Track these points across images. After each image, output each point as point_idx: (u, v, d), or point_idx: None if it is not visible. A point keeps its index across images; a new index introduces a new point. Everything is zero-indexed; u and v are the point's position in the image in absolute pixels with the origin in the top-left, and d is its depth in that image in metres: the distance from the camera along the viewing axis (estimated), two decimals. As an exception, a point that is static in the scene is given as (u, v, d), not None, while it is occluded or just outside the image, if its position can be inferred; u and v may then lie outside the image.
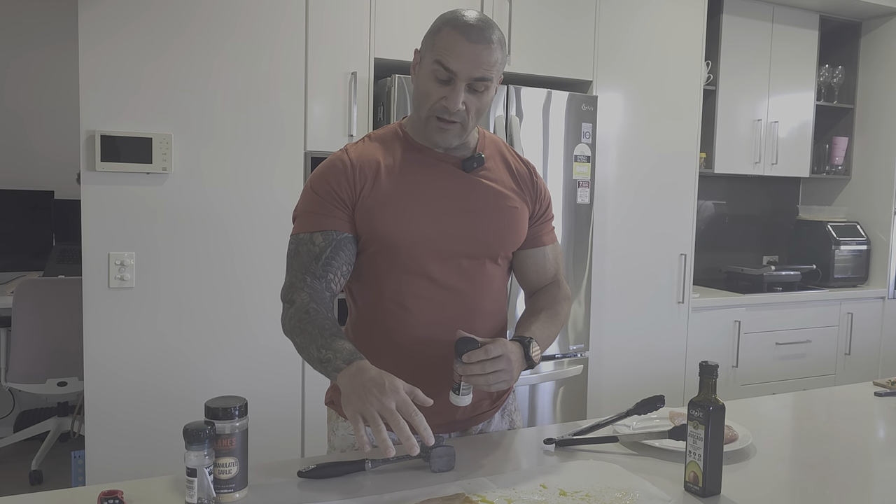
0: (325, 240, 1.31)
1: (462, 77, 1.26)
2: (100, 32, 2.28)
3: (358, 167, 1.33)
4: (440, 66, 1.26)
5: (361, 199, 1.32)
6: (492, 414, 1.48)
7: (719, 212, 4.13)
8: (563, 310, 1.47)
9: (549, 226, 1.50)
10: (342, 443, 1.42)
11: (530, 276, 1.50)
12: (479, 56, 1.25)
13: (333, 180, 1.33)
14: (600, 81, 3.09)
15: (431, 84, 1.28)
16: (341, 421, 1.43)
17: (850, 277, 3.96)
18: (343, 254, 1.32)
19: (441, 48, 1.26)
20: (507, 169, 1.44)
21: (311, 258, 1.31)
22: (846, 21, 4.03)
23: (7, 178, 3.67)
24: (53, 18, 3.70)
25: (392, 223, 1.31)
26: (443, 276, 1.35)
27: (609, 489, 1.17)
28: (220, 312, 2.49)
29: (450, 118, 1.29)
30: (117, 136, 2.29)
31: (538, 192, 1.47)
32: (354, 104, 2.61)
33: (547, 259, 1.49)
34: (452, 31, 1.26)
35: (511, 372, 1.24)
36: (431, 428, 1.37)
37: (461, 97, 1.27)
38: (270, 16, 2.49)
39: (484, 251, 1.37)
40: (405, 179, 1.34)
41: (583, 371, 3.02)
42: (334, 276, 1.32)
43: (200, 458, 1.05)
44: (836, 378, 3.87)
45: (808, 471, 1.30)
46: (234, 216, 2.49)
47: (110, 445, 2.37)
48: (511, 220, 1.40)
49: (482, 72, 1.26)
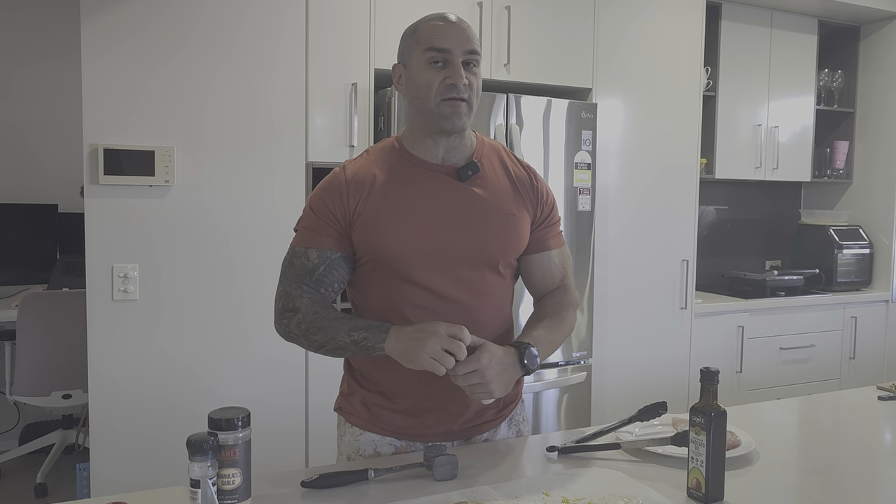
0: (318, 257, 1.35)
1: (457, 52, 1.31)
2: (102, 46, 2.30)
3: (353, 184, 1.36)
4: (433, 50, 1.31)
5: (357, 215, 1.35)
6: (497, 423, 1.48)
7: (721, 217, 4.13)
8: (569, 316, 1.46)
9: (555, 229, 1.49)
10: (348, 448, 1.44)
11: (536, 281, 1.49)
12: (465, 32, 1.32)
13: (329, 200, 1.36)
14: (600, 89, 3.10)
15: (429, 73, 1.32)
16: (348, 426, 1.45)
17: (854, 281, 3.95)
18: (335, 272, 1.37)
19: (427, 37, 1.32)
20: (507, 175, 1.43)
21: (304, 272, 1.36)
22: (844, 25, 4.04)
23: (11, 191, 3.69)
24: (56, 33, 3.73)
25: (387, 236, 1.33)
26: (441, 286, 1.35)
27: (612, 496, 1.18)
28: (223, 323, 2.50)
29: (458, 95, 1.31)
30: (120, 149, 2.31)
31: (539, 197, 1.46)
32: (355, 114, 2.63)
33: (553, 263, 1.48)
34: (431, 21, 1.33)
35: (486, 385, 1.24)
36: (435, 437, 1.42)
37: (462, 71, 1.31)
38: (271, 28, 2.51)
39: (481, 260, 1.37)
40: (400, 192, 1.35)
41: (586, 378, 3.02)
42: (326, 290, 1.37)
43: (204, 470, 1.05)
44: (840, 382, 3.86)
45: (811, 476, 1.30)
46: (236, 227, 2.50)
47: (115, 457, 2.38)
48: (508, 227, 1.39)
49: (472, 44, 1.32)
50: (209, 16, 2.42)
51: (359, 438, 1.43)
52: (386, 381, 1.40)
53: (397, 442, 1.43)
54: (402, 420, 1.41)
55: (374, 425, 1.42)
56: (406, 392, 1.39)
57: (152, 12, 2.35)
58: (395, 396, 1.40)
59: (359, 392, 1.44)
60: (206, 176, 2.45)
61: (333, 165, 2.61)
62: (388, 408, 1.41)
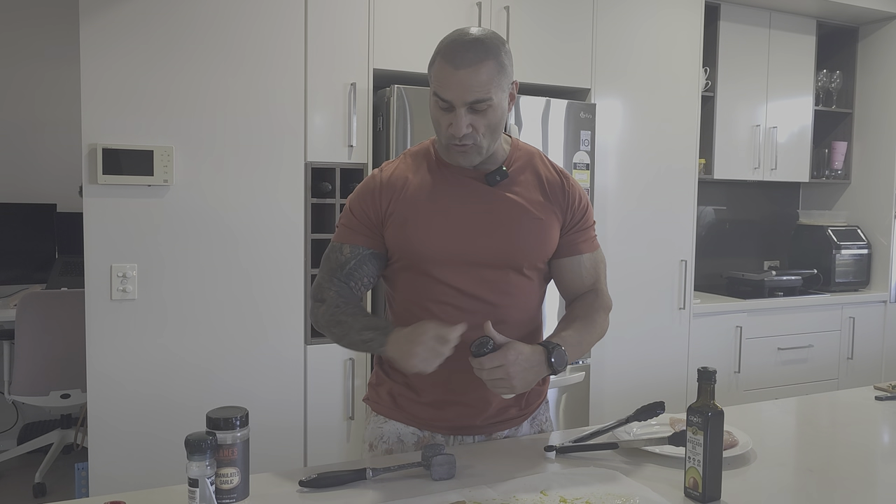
0: (351, 252, 1.44)
1: (458, 104, 1.30)
2: (101, 46, 2.30)
3: (387, 186, 1.43)
4: (437, 97, 1.32)
5: (388, 216, 1.42)
6: (519, 421, 1.52)
7: (719, 217, 4.14)
8: (600, 318, 1.47)
9: (589, 234, 1.50)
10: (371, 435, 1.51)
11: (567, 284, 1.51)
12: (466, 82, 1.28)
13: (363, 200, 1.44)
14: (598, 89, 3.10)
15: (438, 113, 1.34)
16: (373, 415, 1.52)
17: (852, 282, 3.95)
18: (366, 267, 1.44)
19: (435, 80, 1.32)
20: (537, 180, 1.46)
21: (338, 265, 1.45)
22: (843, 26, 4.05)
23: (10, 191, 3.69)
24: (55, 32, 3.73)
25: (415, 237, 1.39)
26: (466, 286, 1.40)
27: (609, 496, 1.18)
28: (222, 323, 2.50)
29: (460, 143, 1.33)
30: (119, 148, 2.31)
31: (571, 201, 1.47)
32: (354, 114, 2.63)
33: (583, 267, 1.49)
34: (441, 62, 1.30)
35: (509, 381, 1.25)
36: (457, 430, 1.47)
37: (463, 122, 1.31)
38: (270, 28, 2.51)
39: (505, 262, 1.41)
40: (430, 195, 1.41)
41: (584, 378, 3.02)
42: (356, 284, 1.45)
43: (202, 469, 1.05)
44: (838, 383, 3.87)
45: (808, 475, 1.30)
46: (234, 227, 2.50)
47: (113, 457, 2.38)
48: (534, 231, 1.42)
49: (475, 95, 1.29)
50: (208, 15, 2.43)
51: (383, 426, 1.49)
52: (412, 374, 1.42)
53: (420, 432, 1.47)
54: (425, 412, 1.46)
55: (399, 414, 1.48)
56: (430, 385, 1.43)
57: (151, 12, 2.35)
58: (419, 389, 1.45)
59: (386, 383, 1.51)
60: (204, 176, 2.45)
61: (333, 165, 2.61)
62: (413, 399, 1.47)
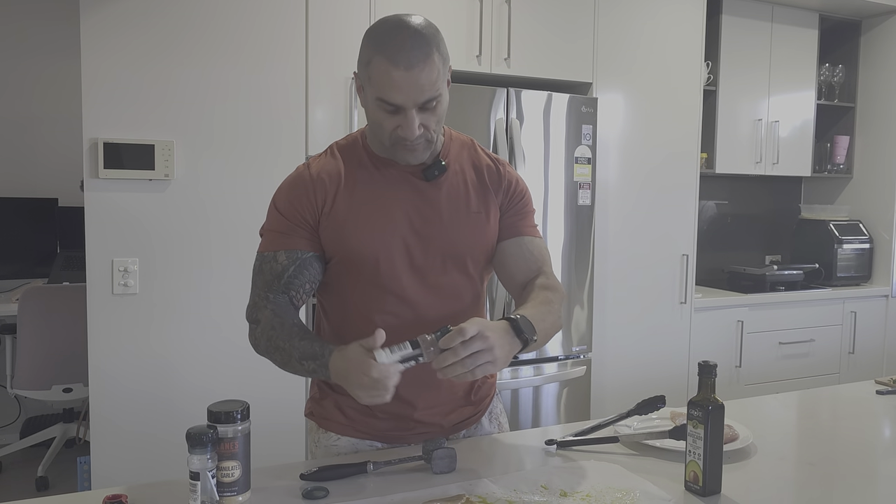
0: (288, 258, 1.30)
1: (409, 106, 1.20)
2: (102, 40, 2.30)
3: (319, 183, 1.31)
4: (383, 102, 1.20)
5: (324, 215, 1.31)
6: (477, 419, 1.46)
7: (721, 212, 4.13)
8: (555, 298, 1.33)
9: (530, 220, 1.42)
10: (325, 454, 1.40)
11: (511, 270, 1.39)
12: (418, 81, 1.18)
13: (295, 199, 1.31)
14: (600, 83, 3.10)
15: (382, 115, 1.23)
16: (322, 432, 1.42)
17: (853, 276, 3.95)
18: (306, 272, 1.31)
19: (378, 84, 1.19)
20: (474, 169, 1.39)
21: (273, 276, 1.30)
22: (846, 20, 4.03)
23: (11, 186, 3.69)
24: (56, 26, 3.72)
25: (354, 238, 1.30)
26: (408, 289, 1.32)
27: (610, 489, 1.18)
28: (223, 317, 2.50)
29: (412, 143, 1.24)
30: (120, 143, 2.31)
31: (507, 185, 1.40)
32: (355, 108, 2.62)
33: (526, 249, 1.38)
34: (384, 63, 1.17)
35: (492, 351, 1.11)
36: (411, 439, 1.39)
37: (415, 123, 1.21)
38: (271, 21, 2.50)
39: (448, 259, 1.34)
40: (366, 193, 1.31)
41: (586, 372, 3.03)
42: (296, 293, 1.32)
43: (203, 462, 1.05)
44: (840, 377, 3.87)
45: (808, 469, 1.30)
46: (236, 221, 2.50)
47: (115, 451, 2.39)
48: (474, 225, 1.36)
49: (426, 94, 1.20)
50: (209, 8, 2.42)
51: (337, 443, 1.39)
52: None
53: (378, 444, 1.39)
54: (380, 424, 1.37)
55: (351, 429, 1.38)
56: None
57: (152, 6, 2.35)
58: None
59: (331, 395, 1.40)
60: (206, 170, 2.45)
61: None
62: (364, 412, 1.37)
